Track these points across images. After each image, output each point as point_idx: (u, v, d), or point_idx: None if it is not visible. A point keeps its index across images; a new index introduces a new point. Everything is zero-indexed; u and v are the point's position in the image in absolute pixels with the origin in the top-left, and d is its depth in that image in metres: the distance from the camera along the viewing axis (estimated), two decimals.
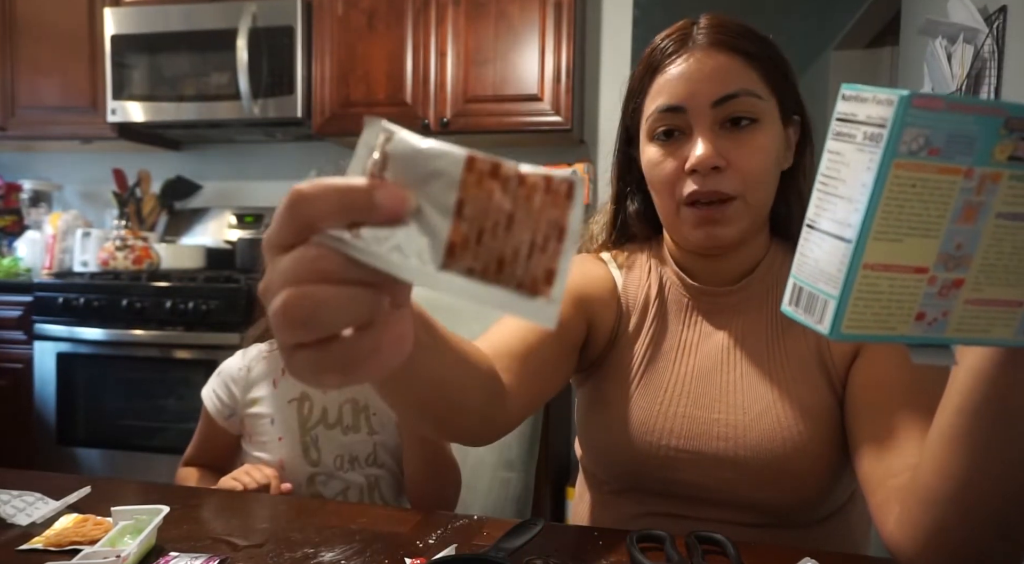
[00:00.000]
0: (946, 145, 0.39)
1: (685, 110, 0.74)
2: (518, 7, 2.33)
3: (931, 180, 0.39)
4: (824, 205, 0.42)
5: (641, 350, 0.83)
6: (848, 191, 0.40)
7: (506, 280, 0.31)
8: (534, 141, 2.56)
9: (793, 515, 0.77)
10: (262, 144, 2.92)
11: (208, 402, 1.05)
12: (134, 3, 2.58)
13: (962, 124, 0.39)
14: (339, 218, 0.31)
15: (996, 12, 1.74)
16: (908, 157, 0.39)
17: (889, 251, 0.40)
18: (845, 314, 0.41)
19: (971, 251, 0.42)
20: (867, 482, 0.68)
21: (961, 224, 0.41)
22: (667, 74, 0.76)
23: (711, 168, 0.72)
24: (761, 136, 0.74)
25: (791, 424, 0.74)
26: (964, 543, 0.57)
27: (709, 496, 0.78)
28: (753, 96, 0.73)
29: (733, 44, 0.74)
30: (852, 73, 3.68)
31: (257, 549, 0.67)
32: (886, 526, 0.63)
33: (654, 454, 0.78)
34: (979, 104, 0.39)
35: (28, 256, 2.74)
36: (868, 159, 0.39)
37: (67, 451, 2.32)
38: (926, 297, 0.42)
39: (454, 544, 0.68)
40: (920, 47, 2.28)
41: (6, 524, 0.71)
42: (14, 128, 2.74)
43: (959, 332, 0.44)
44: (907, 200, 0.39)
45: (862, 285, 0.41)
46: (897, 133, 0.38)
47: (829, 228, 0.42)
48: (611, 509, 0.86)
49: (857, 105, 0.40)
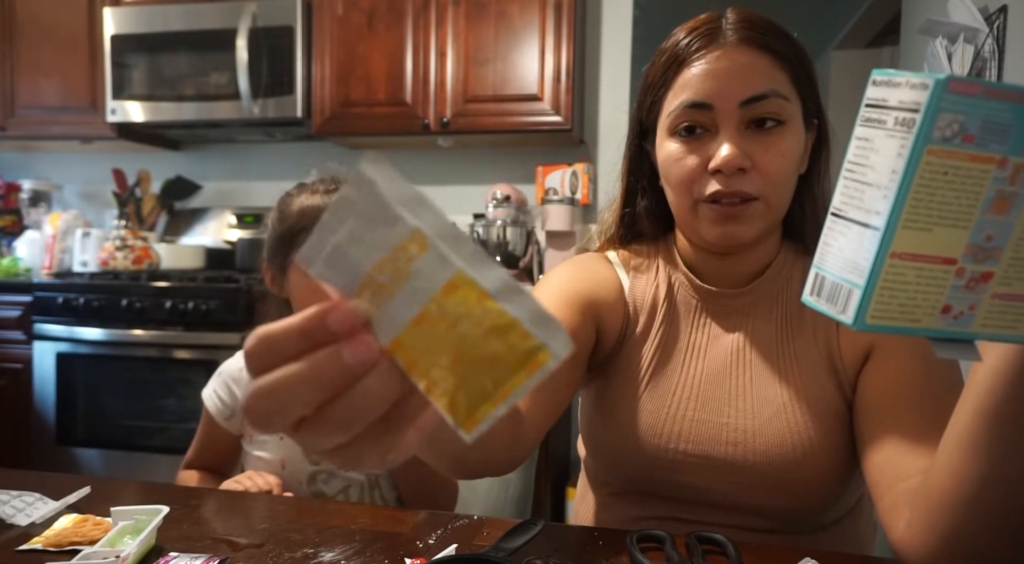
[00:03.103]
0: (981, 132, 0.37)
1: (712, 107, 0.72)
2: (518, 7, 2.33)
3: (963, 168, 0.38)
4: (851, 192, 0.41)
5: (649, 353, 0.82)
6: (877, 178, 0.39)
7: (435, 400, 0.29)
8: (534, 141, 2.56)
9: (800, 521, 0.76)
10: (262, 144, 2.92)
11: (209, 403, 1.05)
12: (134, 3, 2.58)
13: (998, 111, 0.37)
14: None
15: (996, 12, 1.73)
16: (942, 144, 0.37)
17: (918, 240, 0.39)
18: (870, 304, 0.40)
19: (1002, 244, 0.40)
20: (876, 486, 0.66)
21: (992, 215, 0.39)
22: (693, 69, 0.73)
23: (736, 169, 0.71)
24: (786, 139, 0.73)
25: (801, 429, 0.74)
26: (977, 550, 0.55)
27: (716, 500, 0.77)
28: (781, 97, 0.72)
29: (764, 42, 0.72)
30: (852, 73, 3.67)
31: (257, 549, 0.67)
32: (895, 530, 0.62)
33: (662, 457, 0.78)
34: (1018, 91, 0.37)
35: (28, 256, 2.74)
36: (899, 145, 0.38)
37: (66, 451, 2.32)
38: (953, 289, 0.41)
39: (454, 544, 0.68)
40: (920, 47, 2.28)
41: (5, 524, 0.71)
42: (14, 128, 2.74)
43: (985, 327, 0.42)
44: (938, 188, 0.38)
45: (889, 274, 0.39)
46: (931, 118, 0.37)
47: (856, 216, 0.40)
48: (613, 511, 0.85)
49: (888, 90, 0.39)
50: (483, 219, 2.40)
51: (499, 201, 2.39)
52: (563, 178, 2.51)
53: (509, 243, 2.35)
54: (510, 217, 2.38)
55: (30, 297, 2.34)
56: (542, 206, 2.40)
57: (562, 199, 2.34)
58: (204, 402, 1.05)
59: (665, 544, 0.65)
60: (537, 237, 2.45)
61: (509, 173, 2.68)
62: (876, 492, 0.66)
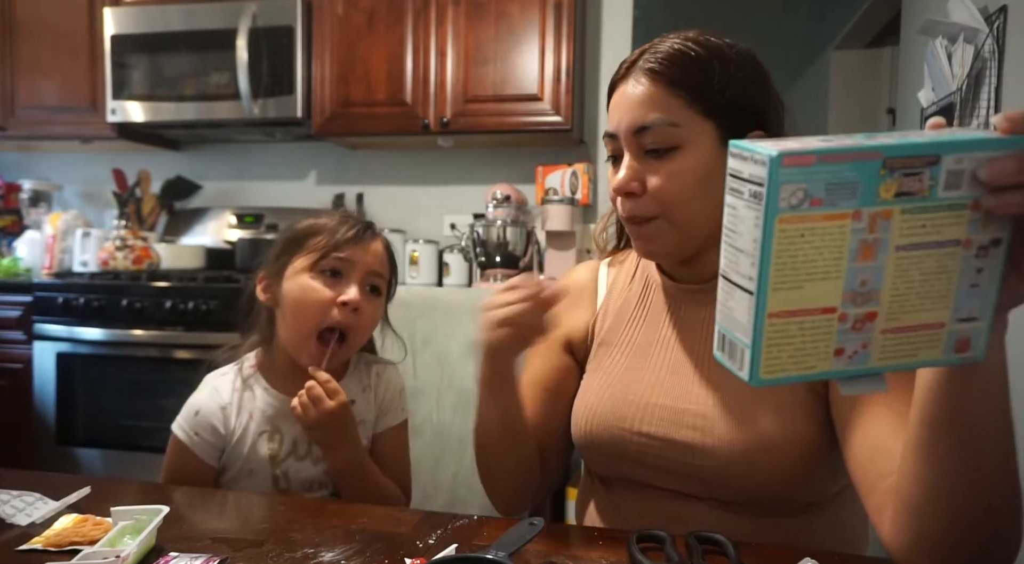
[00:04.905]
0: (827, 194, 0.40)
1: (616, 137, 0.79)
2: (518, 7, 2.33)
3: (819, 228, 0.40)
4: (730, 257, 0.44)
5: (624, 349, 0.88)
6: (745, 244, 0.42)
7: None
8: (534, 141, 2.56)
9: (769, 503, 0.78)
10: (262, 144, 2.92)
11: (190, 443, 0.96)
12: (134, 3, 2.58)
13: (839, 172, 0.40)
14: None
15: (996, 12, 1.73)
16: (790, 211, 0.40)
17: (791, 298, 0.42)
18: (760, 361, 0.43)
19: (877, 285, 0.43)
20: (861, 486, 0.69)
21: (861, 262, 0.42)
22: (614, 98, 0.81)
23: (626, 192, 0.78)
24: (682, 161, 0.76)
25: (759, 416, 0.76)
26: (946, 552, 0.58)
27: (688, 484, 0.79)
28: (670, 125, 0.76)
29: (662, 72, 0.76)
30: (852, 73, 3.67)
31: (257, 549, 0.67)
32: (882, 529, 0.64)
33: (629, 441, 0.82)
34: (852, 151, 0.40)
35: (28, 256, 2.74)
36: (755, 216, 0.40)
37: (67, 451, 2.32)
38: (841, 333, 0.43)
39: (454, 544, 0.68)
40: (920, 47, 2.28)
41: (6, 524, 0.71)
42: (14, 128, 2.74)
43: (884, 360, 0.45)
44: (799, 249, 0.41)
45: (771, 332, 0.42)
46: (775, 191, 0.39)
47: (736, 279, 0.43)
48: (607, 501, 0.88)
49: (742, 163, 0.42)
50: (483, 219, 2.40)
51: (499, 201, 2.39)
52: (563, 178, 2.51)
53: (509, 243, 2.35)
54: (510, 217, 2.37)
55: (30, 297, 2.34)
56: (542, 206, 2.40)
57: (562, 199, 2.34)
58: (181, 440, 0.97)
59: (665, 544, 0.66)
60: (537, 237, 2.44)
61: (509, 173, 2.68)
62: (862, 492, 0.68)
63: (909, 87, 2.49)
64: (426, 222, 2.75)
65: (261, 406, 0.98)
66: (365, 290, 0.96)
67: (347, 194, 2.77)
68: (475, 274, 2.47)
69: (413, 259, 2.55)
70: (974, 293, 0.45)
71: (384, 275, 0.99)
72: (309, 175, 2.88)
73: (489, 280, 2.37)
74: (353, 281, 0.95)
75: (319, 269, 0.94)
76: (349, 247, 0.95)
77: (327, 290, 0.94)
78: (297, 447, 0.98)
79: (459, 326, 1.28)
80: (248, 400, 0.99)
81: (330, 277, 0.95)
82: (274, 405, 0.98)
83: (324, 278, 0.95)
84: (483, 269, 2.39)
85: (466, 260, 2.48)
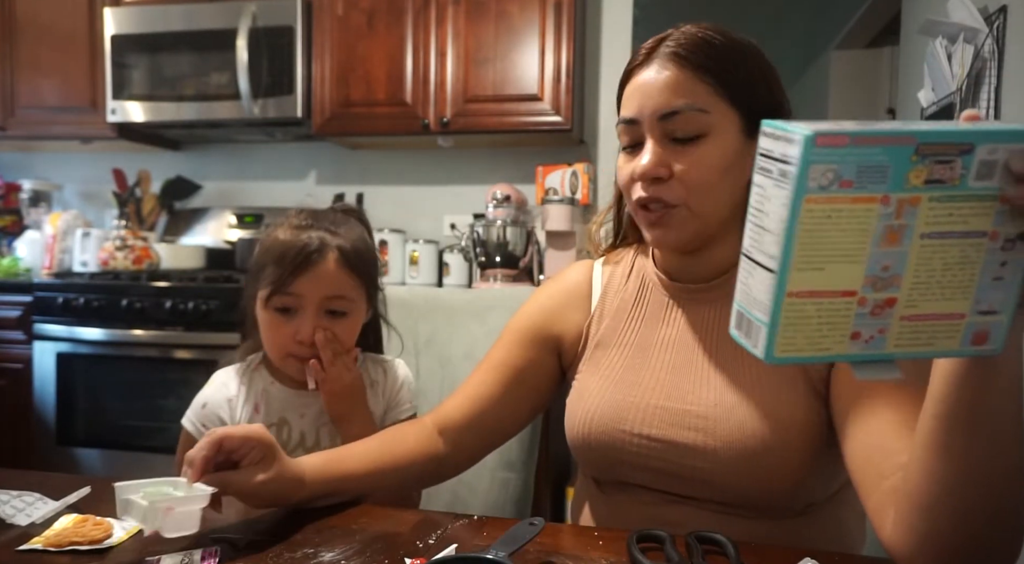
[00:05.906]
0: (857, 177, 0.40)
1: (638, 122, 0.78)
2: (518, 7, 2.33)
3: (846, 210, 0.41)
4: (754, 236, 0.44)
5: (622, 349, 0.87)
6: (771, 224, 0.42)
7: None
8: (534, 141, 2.56)
9: (769, 505, 0.77)
10: (262, 144, 2.92)
11: (198, 436, 0.91)
12: (134, 3, 2.58)
13: (871, 156, 0.40)
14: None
15: (996, 12, 1.74)
16: (819, 192, 0.40)
17: (812, 279, 0.42)
18: (776, 339, 0.43)
19: (900, 271, 0.43)
20: (860, 485, 0.68)
21: (885, 247, 0.42)
22: (631, 85, 0.80)
23: (652, 178, 0.76)
24: (708, 149, 0.75)
25: (762, 418, 0.75)
26: (955, 550, 0.57)
27: (688, 486, 0.79)
28: (699, 111, 0.75)
29: (688, 57, 0.76)
30: (852, 73, 3.68)
31: (257, 549, 0.67)
32: (884, 530, 0.63)
33: (628, 442, 0.81)
34: (886, 135, 0.40)
35: (28, 256, 2.74)
36: (784, 195, 0.40)
37: (66, 451, 2.32)
38: (859, 317, 0.44)
39: (454, 544, 0.68)
40: (920, 47, 2.28)
41: (6, 524, 0.71)
42: (14, 128, 2.74)
43: (899, 347, 0.45)
44: (825, 231, 0.41)
45: (789, 312, 0.42)
46: (804, 171, 0.39)
47: (759, 258, 0.43)
48: (603, 505, 0.87)
49: (773, 142, 0.42)
50: (483, 219, 2.40)
51: (499, 201, 2.39)
52: (563, 178, 2.51)
53: (509, 243, 2.35)
54: (510, 217, 2.37)
55: (30, 297, 2.34)
56: (542, 206, 2.40)
57: (562, 199, 2.34)
58: (190, 433, 1.00)
59: (665, 544, 0.66)
60: (537, 237, 2.44)
61: (509, 173, 2.68)
62: (862, 491, 0.67)
63: (909, 87, 2.49)
64: (426, 222, 2.75)
65: (268, 399, 0.99)
66: (323, 317, 0.94)
67: (347, 194, 2.77)
68: (475, 274, 2.47)
69: (413, 259, 2.55)
70: (997, 286, 0.44)
71: (344, 295, 0.95)
72: (309, 175, 2.88)
73: (489, 280, 2.37)
74: (307, 315, 0.93)
75: (271, 307, 0.94)
76: (294, 281, 0.92)
77: (283, 327, 0.94)
78: (305, 439, 0.98)
79: (461, 327, 1.28)
80: (255, 393, 1.00)
81: (283, 314, 0.94)
82: (281, 398, 0.99)
83: (278, 315, 0.94)
84: (483, 269, 2.39)
85: (466, 260, 2.48)
